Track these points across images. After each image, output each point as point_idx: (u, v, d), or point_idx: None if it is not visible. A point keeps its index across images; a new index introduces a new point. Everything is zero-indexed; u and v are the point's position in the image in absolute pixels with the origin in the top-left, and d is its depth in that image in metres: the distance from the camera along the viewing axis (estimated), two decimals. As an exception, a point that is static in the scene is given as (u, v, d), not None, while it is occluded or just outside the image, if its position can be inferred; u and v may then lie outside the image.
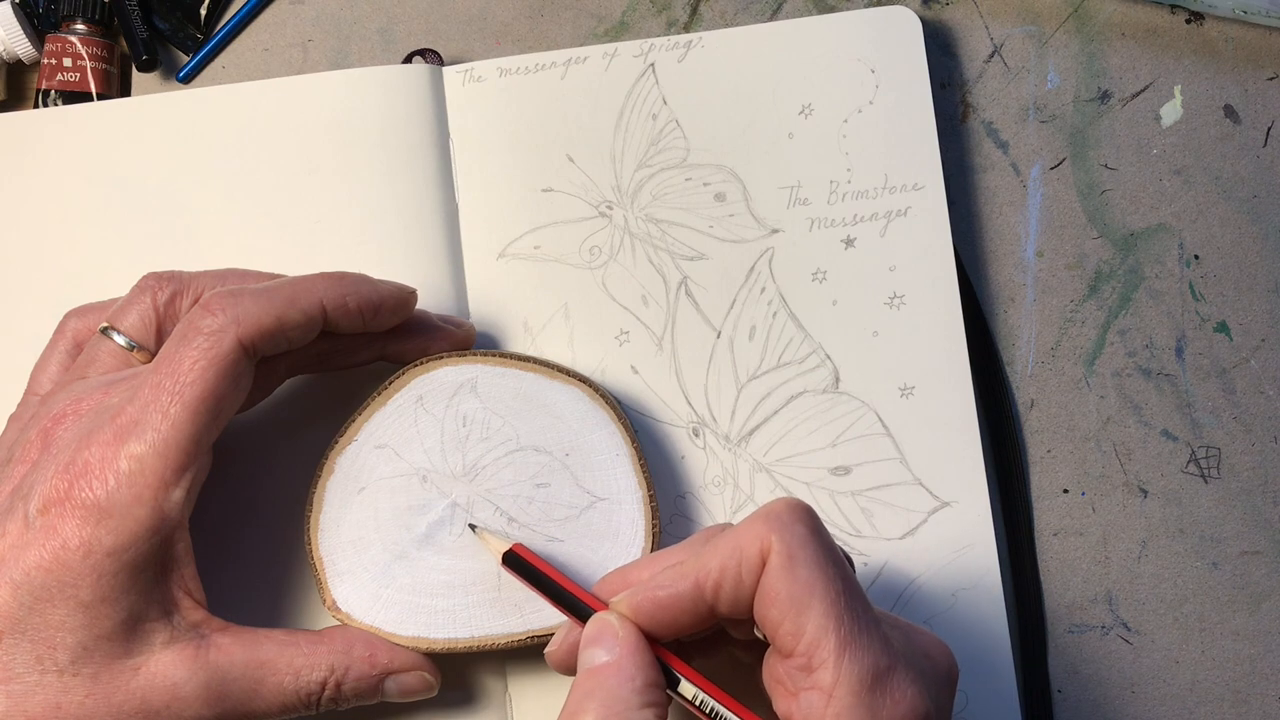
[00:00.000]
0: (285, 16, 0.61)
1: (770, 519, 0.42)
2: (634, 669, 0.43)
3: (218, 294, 0.47)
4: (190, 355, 0.45)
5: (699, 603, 0.43)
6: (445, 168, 0.57)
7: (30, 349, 0.51)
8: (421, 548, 0.51)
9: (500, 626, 0.50)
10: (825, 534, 0.42)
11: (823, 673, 0.40)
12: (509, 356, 0.53)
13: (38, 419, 0.47)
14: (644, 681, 0.42)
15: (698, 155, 0.57)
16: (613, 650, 0.43)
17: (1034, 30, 0.60)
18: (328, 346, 0.51)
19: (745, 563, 0.42)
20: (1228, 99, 0.60)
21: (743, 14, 0.60)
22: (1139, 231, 0.59)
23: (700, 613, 0.43)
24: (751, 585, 0.42)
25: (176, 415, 0.45)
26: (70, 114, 0.57)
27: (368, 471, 0.51)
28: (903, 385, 0.56)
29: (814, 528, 0.42)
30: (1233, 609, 0.57)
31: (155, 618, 0.46)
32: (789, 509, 0.42)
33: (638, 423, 0.55)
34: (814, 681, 0.40)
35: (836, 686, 0.40)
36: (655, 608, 0.43)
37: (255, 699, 0.47)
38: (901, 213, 0.57)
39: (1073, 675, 0.57)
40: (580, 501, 0.51)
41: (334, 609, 0.50)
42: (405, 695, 0.50)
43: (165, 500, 0.45)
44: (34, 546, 0.44)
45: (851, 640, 0.40)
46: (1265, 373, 0.58)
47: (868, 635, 0.40)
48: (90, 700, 0.44)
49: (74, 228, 0.57)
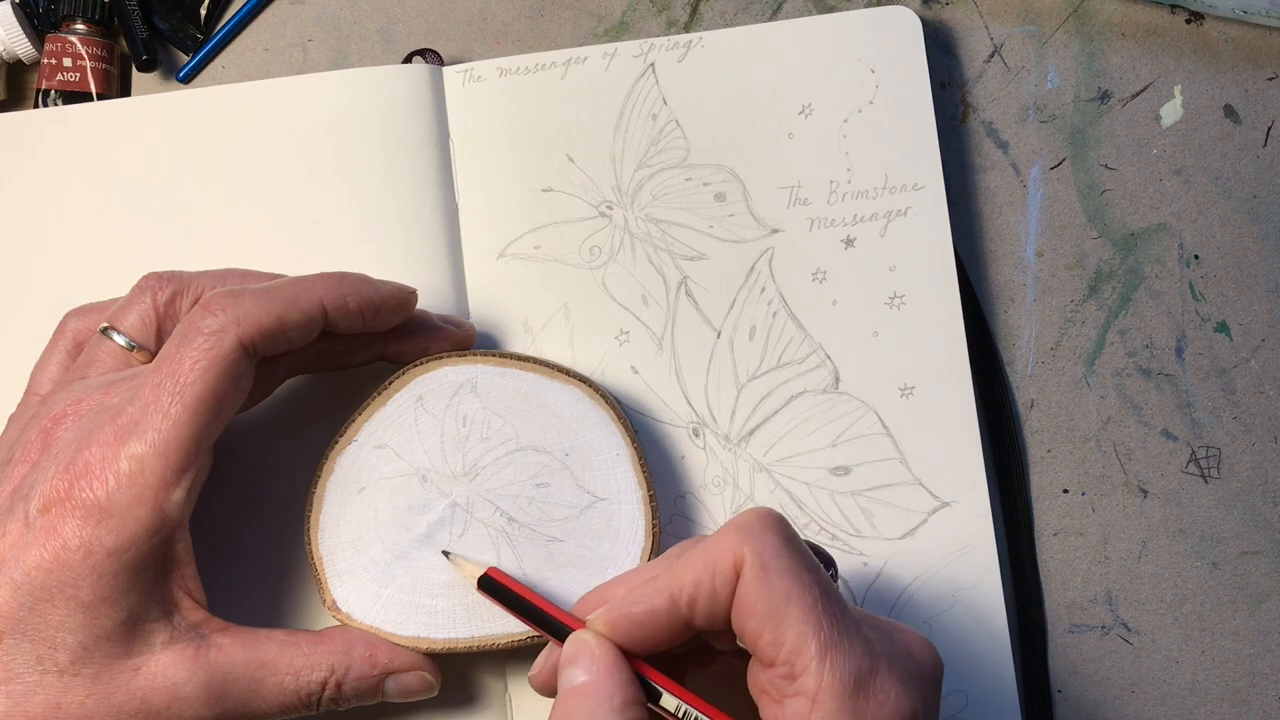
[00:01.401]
0: (285, 16, 0.61)
1: (741, 530, 0.42)
2: (612, 688, 0.42)
3: (218, 294, 0.47)
4: (191, 355, 0.45)
5: (675, 617, 0.42)
6: (445, 168, 0.57)
7: (30, 349, 0.51)
8: (421, 548, 0.51)
9: (500, 626, 0.50)
10: (798, 541, 0.42)
11: (805, 679, 0.40)
12: (509, 356, 0.53)
13: (38, 419, 0.47)
14: (623, 699, 0.42)
15: (698, 155, 0.57)
16: (590, 670, 0.43)
17: (1034, 30, 0.60)
18: (328, 346, 0.51)
19: (719, 575, 0.41)
20: (1228, 99, 0.60)
21: (743, 14, 0.60)
22: (1139, 231, 0.59)
23: (676, 627, 0.43)
24: (726, 598, 0.42)
25: (177, 415, 0.45)
26: (70, 114, 0.57)
27: (368, 471, 0.51)
28: (903, 385, 0.56)
29: (786, 536, 0.42)
30: (1233, 609, 0.57)
31: (155, 618, 0.46)
32: (759, 519, 0.42)
33: (638, 423, 0.55)
34: (798, 688, 0.40)
35: (820, 692, 0.40)
36: (631, 624, 0.43)
37: (255, 699, 0.47)
38: (901, 213, 0.56)
39: (1073, 675, 0.56)
40: (580, 501, 0.51)
41: (334, 609, 0.50)
42: (406, 695, 0.50)
43: (166, 500, 0.45)
44: (34, 547, 0.44)
45: (832, 645, 0.40)
46: (1265, 373, 0.58)
47: (848, 639, 0.40)
48: (90, 700, 0.44)
49: (74, 228, 0.57)
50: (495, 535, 0.51)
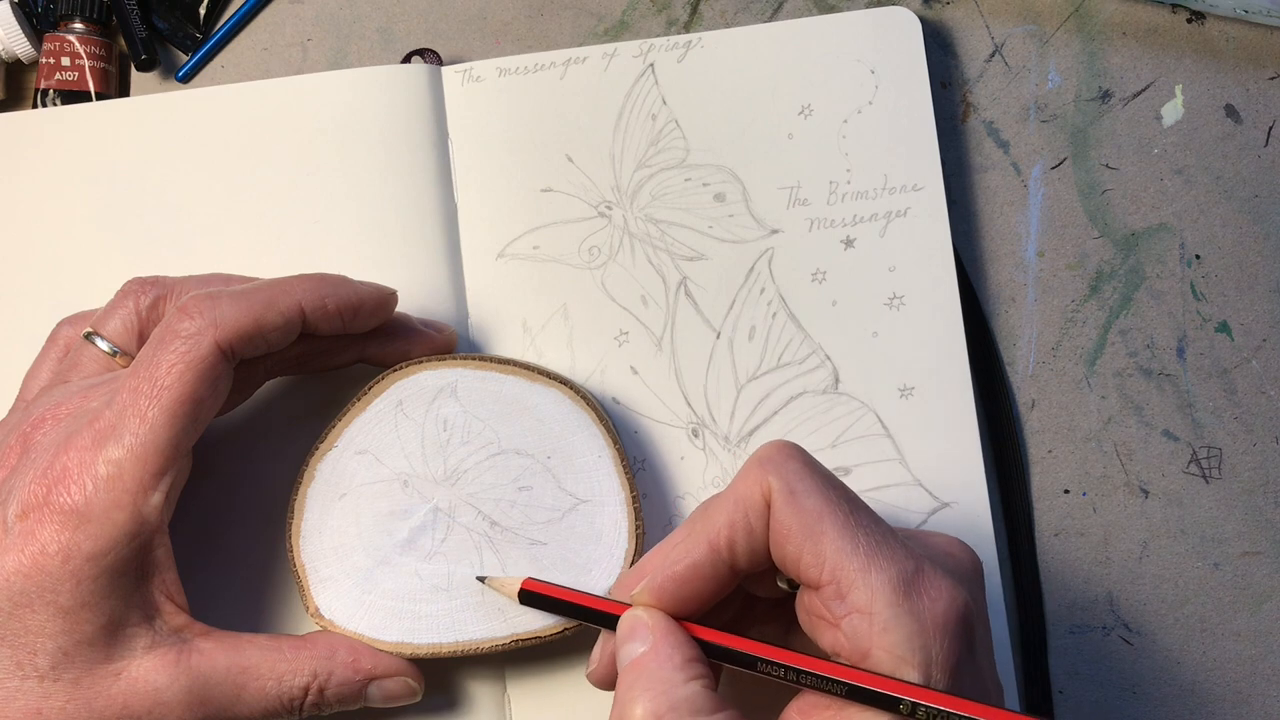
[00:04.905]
0: (284, 16, 0.61)
1: (764, 463, 0.42)
2: (670, 649, 0.43)
3: (195, 297, 0.46)
4: (168, 359, 0.45)
5: (718, 565, 0.43)
6: (444, 168, 0.57)
7: (28, 349, 0.51)
8: (404, 553, 0.51)
9: (484, 631, 0.50)
10: (819, 465, 0.43)
11: (855, 594, 0.40)
12: (489, 360, 0.53)
13: (18, 425, 0.47)
14: (684, 658, 0.42)
15: (697, 155, 0.57)
16: (646, 640, 0.43)
17: (1035, 30, 0.60)
18: (308, 348, 0.51)
19: (752, 510, 0.42)
20: (1229, 98, 0.60)
21: (743, 14, 0.60)
22: (1140, 231, 0.59)
23: (721, 575, 0.43)
24: (763, 530, 0.42)
25: (154, 419, 0.45)
26: (69, 114, 0.57)
27: (349, 478, 0.51)
28: (902, 386, 0.55)
29: (806, 461, 0.43)
30: (1234, 610, 0.57)
31: (136, 622, 0.45)
32: (779, 449, 0.43)
33: (637, 423, 0.55)
34: (850, 605, 0.40)
35: (873, 601, 0.40)
36: (676, 584, 0.43)
37: (238, 704, 0.47)
38: (901, 213, 0.56)
39: (1073, 676, 0.56)
40: (563, 504, 0.51)
41: (317, 616, 0.50)
42: (389, 701, 0.50)
43: (144, 504, 0.45)
44: (12, 552, 0.44)
45: (873, 552, 0.41)
46: (1266, 373, 0.58)
47: (888, 546, 0.41)
48: (71, 706, 0.44)
49: (73, 227, 0.57)
50: (478, 539, 0.51)
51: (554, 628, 0.50)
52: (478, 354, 0.55)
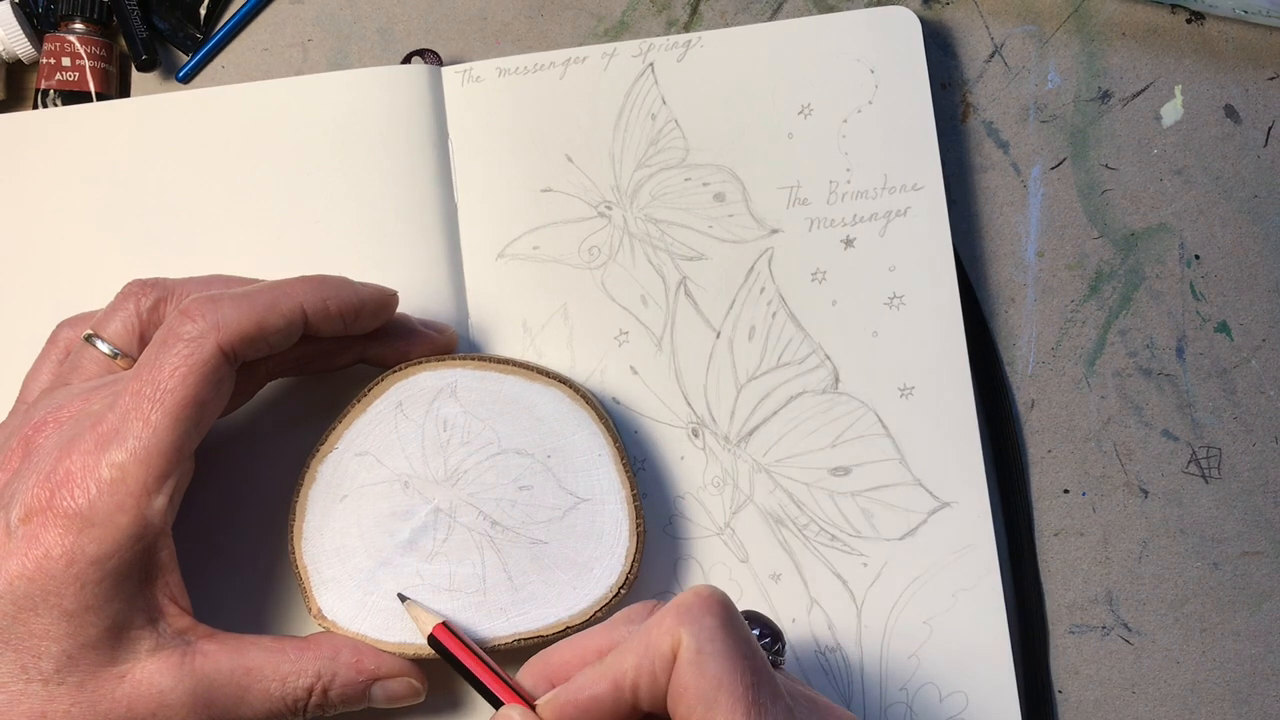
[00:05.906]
0: (285, 16, 0.61)
1: (681, 612, 0.41)
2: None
3: (197, 299, 0.46)
4: (171, 362, 0.45)
5: (620, 703, 0.42)
6: (444, 168, 0.57)
7: (29, 349, 0.51)
8: (405, 554, 0.51)
9: (486, 630, 0.50)
10: (737, 623, 0.42)
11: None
12: (489, 360, 0.53)
13: (19, 428, 0.47)
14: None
15: (697, 155, 0.57)
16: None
17: (1034, 30, 0.60)
18: (309, 350, 0.51)
19: (658, 660, 0.41)
20: (1228, 99, 0.60)
21: (743, 14, 0.60)
22: (1139, 231, 0.59)
23: (622, 712, 0.42)
24: (665, 683, 0.41)
25: (158, 422, 0.45)
26: (69, 114, 0.57)
27: (349, 479, 0.51)
28: (902, 385, 0.55)
29: (724, 619, 0.41)
30: (1234, 609, 0.57)
31: (140, 625, 0.45)
32: (700, 601, 0.42)
33: (637, 423, 0.55)
34: None
35: None
36: (578, 712, 0.42)
37: (242, 706, 0.47)
38: (901, 213, 0.56)
39: (1073, 676, 0.56)
40: (563, 503, 0.51)
41: (319, 617, 0.50)
42: (392, 701, 0.50)
43: (148, 507, 0.45)
44: (16, 556, 0.44)
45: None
46: (1266, 373, 0.58)
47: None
48: (75, 709, 0.44)
49: (73, 228, 0.57)
50: (479, 539, 0.51)
51: (556, 627, 0.50)
52: (477, 354, 0.55)
